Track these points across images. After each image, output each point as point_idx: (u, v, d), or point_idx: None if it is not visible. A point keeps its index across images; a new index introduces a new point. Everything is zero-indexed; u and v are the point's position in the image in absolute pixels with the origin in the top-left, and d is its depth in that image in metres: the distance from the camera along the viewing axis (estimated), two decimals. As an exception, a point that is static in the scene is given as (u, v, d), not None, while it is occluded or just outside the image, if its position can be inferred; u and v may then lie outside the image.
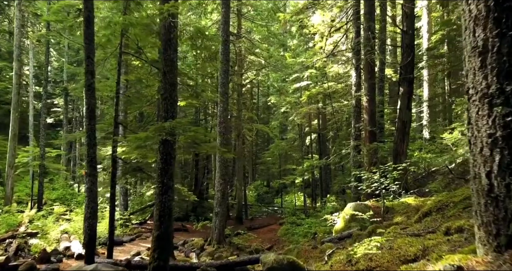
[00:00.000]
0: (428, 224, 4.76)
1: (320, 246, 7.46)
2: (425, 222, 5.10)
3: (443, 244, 3.09)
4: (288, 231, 17.71)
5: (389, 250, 3.36)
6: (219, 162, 14.30)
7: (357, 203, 8.79)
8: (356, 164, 12.78)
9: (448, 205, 5.41)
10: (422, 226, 4.78)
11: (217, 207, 14.20)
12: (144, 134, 6.60)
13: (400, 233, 4.54)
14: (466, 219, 3.72)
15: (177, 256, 12.61)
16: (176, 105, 7.13)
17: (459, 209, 5.06)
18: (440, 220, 4.88)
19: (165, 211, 6.82)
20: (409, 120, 12.36)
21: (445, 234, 3.50)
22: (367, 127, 12.37)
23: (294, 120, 25.91)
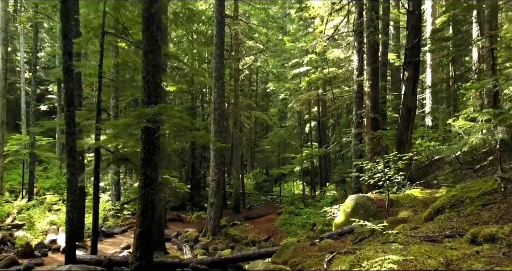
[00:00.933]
0: (443, 224, 4.13)
1: (319, 243, 6.86)
2: (438, 221, 4.47)
3: (472, 258, 2.47)
4: (286, 221, 17.20)
5: (403, 262, 2.75)
6: (214, 150, 13.66)
7: (359, 195, 8.17)
8: (357, 153, 12.13)
9: (463, 200, 4.78)
10: (435, 226, 4.15)
11: (212, 198, 13.63)
12: (122, 121, 5.92)
13: (411, 235, 3.92)
14: (498, 224, 3.09)
15: (169, 249, 12.09)
16: (159, 89, 6.43)
17: (477, 207, 4.43)
18: (456, 219, 4.26)
19: (148, 206, 6.19)
20: (414, 106, 11.67)
21: (471, 242, 2.87)
22: (370, 114, 11.67)
23: (293, 107, 25.17)
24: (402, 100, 11.75)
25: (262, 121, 32.77)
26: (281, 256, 6.85)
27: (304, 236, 14.24)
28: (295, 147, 29.02)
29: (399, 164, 7.83)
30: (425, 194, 7.61)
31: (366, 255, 3.41)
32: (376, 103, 11.98)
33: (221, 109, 13.82)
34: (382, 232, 5.92)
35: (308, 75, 21.08)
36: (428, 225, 4.40)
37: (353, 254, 3.94)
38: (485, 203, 4.41)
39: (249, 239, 14.12)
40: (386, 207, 7.02)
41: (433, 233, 3.88)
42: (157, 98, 6.33)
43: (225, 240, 13.67)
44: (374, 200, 7.85)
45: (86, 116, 8.66)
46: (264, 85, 37.11)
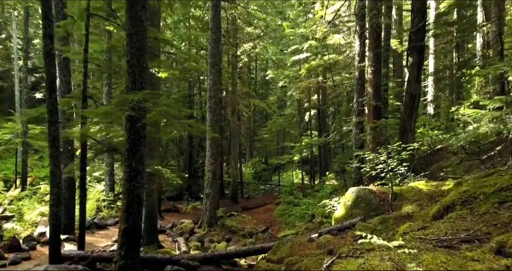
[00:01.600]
0: (456, 225, 3.68)
1: (317, 239, 6.44)
2: (449, 220, 4.02)
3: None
4: (284, 211, 16.85)
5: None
6: (210, 140, 13.19)
7: (360, 187, 7.73)
8: (358, 143, 11.66)
9: (476, 197, 4.33)
10: (447, 226, 3.70)
11: (208, 188, 13.22)
12: (103, 110, 5.43)
13: (420, 237, 3.47)
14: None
15: (163, 242, 11.72)
16: (145, 74, 5.91)
17: (494, 204, 3.97)
18: (470, 218, 3.80)
19: (134, 200, 5.75)
20: (418, 93, 11.14)
21: (497, 253, 2.42)
22: (371, 102, 11.17)
23: (292, 95, 24.61)
24: (406, 87, 11.22)
25: (261, 109, 32.25)
26: (277, 253, 6.44)
27: (302, 228, 13.92)
28: (294, 136, 28.57)
29: (402, 154, 7.37)
30: (430, 187, 7.16)
31: (371, 264, 2.96)
32: (378, 91, 11.47)
33: (217, 97, 13.30)
34: (386, 230, 5.49)
35: (308, 62, 20.48)
36: (438, 224, 3.95)
37: (356, 258, 3.50)
38: (503, 200, 3.96)
39: (246, 230, 13.77)
40: (389, 201, 6.58)
41: (445, 235, 3.42)
42: (142, 84, 5.82)
43: (222, 231, 13.31)
44: (376, 193, 7.41)
45: (71, 104, 8.14)
46: (263, 72, 36.49)
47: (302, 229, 13.48)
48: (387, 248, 3.23)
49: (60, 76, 11.00)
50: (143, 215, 10.10)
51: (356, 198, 7.46)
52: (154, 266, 7.27)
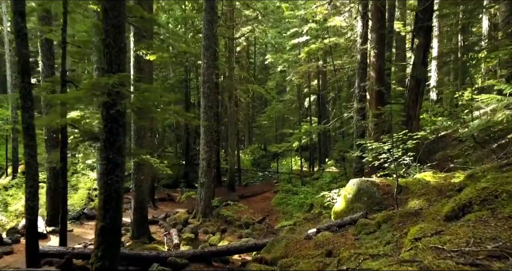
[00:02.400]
0: (477, 231, 3.11)
1: (315, 237, 5.91)
2: (467, 223, 3.46)
3: None
4: (282, 200, 16.36)
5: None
6: (204, 127, 12.58)
7: (362, 179, 7.16)
8: (360, 130, 11.06)
9: (498, 195, 3.75)
10: (467, 232, 3.14)
11: (203, 178, 12.68)
12: (73, 95, 4.80)
13: (437, 248, 2.91)
14: None
15: (155, 233, 11.24)
16: (123, 55, 5.26)
17: (520, 205, 3.40)
18: (493, 223, 3.24)
19: (111, 196, 5.18)
20: (424, 77, 10.51)
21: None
22: (374, 87, 10.52)
23: (292, 80, 23.87)
24: (411, 71, 10.57)
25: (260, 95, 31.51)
26: (271, 252, 5.92)
27: (301, 218, 13.42)
28: (293, 122, 27.94)
29: (408, 143, 6.78)
30: (438, 179, 6.60)
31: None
32: (381, 75, 10.81)
33: (211, 82, 12.63)
34: (392, 229, 4.95)
35: (308, 45, 19.68)
36: (455, 228, 3.39)
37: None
38: (531, 200, 3.39)
39: (243, 220, 13.30)
40: (394, 195, 6.02)
41: (467, 245, 2.86)
42: (120, 67, 5.18)
43: (217, 222, 12.83)
44: (380, 186, 6.85)
45: (50, 88, 7.51)
46: (262, 57, 35.62)
47: (301, 219, 13.00)
48: (398, 264, 2.66)
49: (43, 59, 10.33)
50: (132, 207, 9.60)
51: (358, 191, 6.91)
52: (140, 263, 6.77)
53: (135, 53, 9.28)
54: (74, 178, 16.82)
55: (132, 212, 9.76)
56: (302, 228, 11.75)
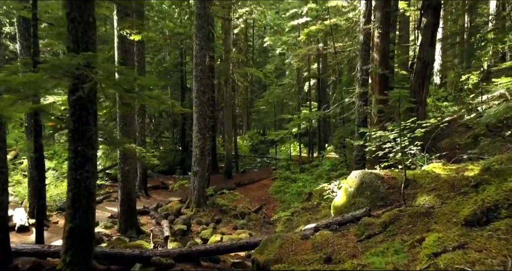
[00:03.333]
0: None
1: (312, 236, 5.32)
2: (496, 232, 2.85)
3: None
4: (280, 188, 15.82)
5: None
6: (197, 112, 11.90)
7: (365, 171, 6.54)
8: (362, 116, 10.38)
9: (532, 199, 3.15)
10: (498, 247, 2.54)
11: (196, 166, 12.08)
12: (26, 78, 4.12)
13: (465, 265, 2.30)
14: None
15: (145, 225, 10.71)
16: (92, 32, 4.55)
17: None
18: (532, 236, 2.64)
19: (81, 194, 4.56)
20: (431, 60, 9.78)
21: None
22: (378, 70, 9.79)
23: (291, 63, 23.03)
24: (418, 53, 9.83)
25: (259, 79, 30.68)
26: (264, 252, 5.34)
27: (299, 207, 12.90)
28: (292, 107, 27.20)
29: (417, 132, 6.12)
30: (449, 171, 5.97)
31: None
32: (386, 57, 10.06)
33: (204, 64, 11.87)
34: (400, 232, 4.34)
35: (308, 26, 18.80)
36: (482, 240, 2.78)
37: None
38: None
39: (238, 210, 12.77)
40: (402, 190, 5.40)
41: (504, 267, 2.26)
42: (88, 45, 4.47)
43: (211, 212, 12.30)
44: (384, 178, 6.22)
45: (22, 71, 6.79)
46: (261, 40, 34.61)
47: (299, 209, 12.48)
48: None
49: (20, 39, 9.57)
50: (119, 198, 9.02)
51: (360, 184, 6.29)
52: (123, 262, 6.20)
53: (118, 33, 8.53)
54: (65, 165, 16.23)
55: (119, 203, 9.19)
56: (300, 218, 11.23)
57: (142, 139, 13.99)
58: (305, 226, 7.05)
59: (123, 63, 8.79)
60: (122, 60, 8.79)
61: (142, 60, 13.79)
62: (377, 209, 5.79)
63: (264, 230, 11.33)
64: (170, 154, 25.07)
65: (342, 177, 11.99)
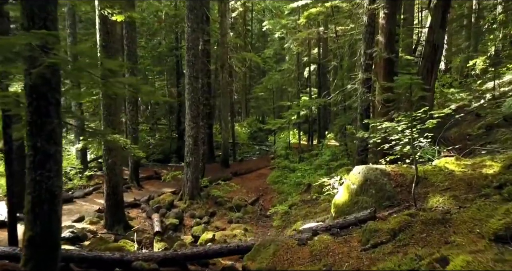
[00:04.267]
0: None
1: (310, 242, 4.72)
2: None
3: None
4: (278, 178, 15.24)
5: None
6: (189, 100, 11.21)
7: (369, 167, 5.90)
8: (364, 104, 9.68)
9: None
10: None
11: (189, 156, 11.46)
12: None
13: None
14: None
15: (135, 219, 10.16)
16: (52, 8, 3.83)
17: None
18: None
19: (42, 197, 3.93)
20: (441, 43, 9.03)
21: None
22: (383, 54, 9.05)
23: (291, 48, 22.16)
24: (427, 35, 9.10)
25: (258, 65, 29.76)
26: (256, 259, 4.75)
27: (297, 199, 12.33)
28: (292, 94, 26.42)
29: (428, 123, 5.45)
30: (464, 167, 5.34)
31: None
32: (391, 40, 9.31)
33: (196, 48, 11.11)
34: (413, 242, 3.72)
35: (308, 9, 17.89)
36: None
37: None
38: None
39: (234, 202, 12.22)
40: (412, 190, 4.76)
41: None
42: (46, 22, 3.76)
43: (205, 204, 11.73)
44: (391, 175, 5.59)
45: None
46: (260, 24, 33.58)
47: (297, 201, 11.91)
48: None
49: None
50: (105, 192, 8.43)
51: (364, 181, 5.66)
52: (102, 266, 5.64)
53: (100, 13, 7.77)
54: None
55: (104, 197, 8.60)
56: (299, 212, 10.67)
57: (133, 127, 13.34)
58: (303, 225, 6.47)
59: (105, 47, 8.08)
60: (104, 43, 8.06)
61: (132, 44, 13.02)
62: (383, 210, 5.18)
63: (261, 223, 10.79)
64: (166, 141, 24.44)
65: (342, 168, 11.38)
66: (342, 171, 10.95)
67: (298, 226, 8.79)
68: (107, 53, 8.08)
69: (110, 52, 8.13)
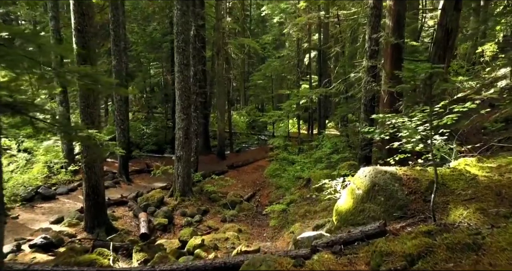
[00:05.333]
0: None
1: (309, 262, 3.97)
2: None
3: None
4: (276, 171, 14.50)
5: None
6: (179, 89, 10.37)
7: (377, 169, 5.10)
8: (369, 94, 8.84)
9: None
10: None
11: (180, 150, 10.69)
12: None
13: None
14: None
15: (120, 218, 9.45)
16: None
17: None
18: None
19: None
20: (456, 27, 8.13)
21: None
22: (391, 39, 8.18)
23: (290, 34, 21.18)
24: (439, 18, 8.19)
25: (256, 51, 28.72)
26: (244, 282, 4.01)
27: (296, 195, 11.61)
28: (291, 81, 25.50)
29: (447, 119, 4.65)
30: (490, 171, 4.56)
31: None
32: (400, 23, 8.42)
33: (186, 33, 10.21)
34: None
35: (308, -9, 16.88)
36: None
37: None
38: None
39: (229, 198, 11.53)
40: (431, 200, 3.99)
41: None
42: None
43: (198, 200, 11.02)
44: (403, 180, 4.81)
45: None
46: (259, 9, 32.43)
47: (296, 196, 11.21)
48: None
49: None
50: (84, 193, 7.69)
51: (371, 186, 4.89)
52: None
53: (73, -8, 6.90)
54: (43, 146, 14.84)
55: (84, 198, 7.86)
56: (297, 210, 9.94)
57: (121, 118, 12.51)
58: (301, 234, 5.72)
59: (80, 31, 7.21)
60: (79, 26, 7.19)
61: (118, 28, 12.10)
62: (394, 222, 4.42)
63: (257, 222, 10.10)
64: (161, 131, 23.64)
65: (344, 163, 10.63)
66: (344, 167, 10.20)
67: (296, 229, 8.07)
68: (82, 38, 7.23)
69: (86, 36, 7.27)
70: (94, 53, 7.55)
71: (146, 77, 25.67)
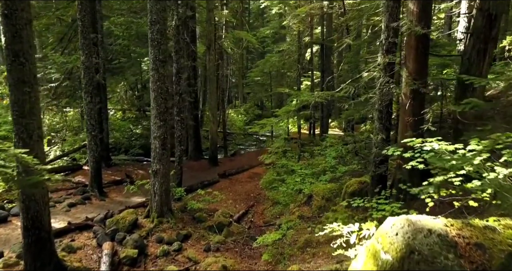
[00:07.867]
0: None
1: None
2: None
3: None
4: (274, 181, 12.71)
5: None
6: (155, 91, 8.61)
7: (413, 223, 3.31)
8: (386, 98, 7.04)
9: None
10: None
11: (156, 163, 8.97)
12: None
13: None
14: None
15: (80, 250, 7.72)
16: None
17: None
18: None
19: None
20: (500, 12, 6.34)
21: None
22: (416, 28, 6.38)
23: (290, 26, 19.34)
24: (479, 3, 6.40)
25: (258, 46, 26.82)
26: None
27: (295, 214, 9.92)
28: (292, 79, 23.69)
29: None
30: None
31: None
32: (428, 9, 6.64)
33: (162, 23, 8.41)
34: None
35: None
36: None
37: None
38: None
39: (216, 218, 9.83)
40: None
41: None
42: None
43: (179, 222, 9.28)
44: (459, 246, 3.05)
45: None
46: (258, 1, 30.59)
47: (295, 217, 9.51)
48: None
49: None
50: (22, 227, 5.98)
51: (408, 253, 3.12)
52: None
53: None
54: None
55: (22, 233, 6.14)
56: (296, 236, 8.24)
57: (92, 123, 10.74)
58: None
59: (8, 16, 5.47)
60: (6, 11, 5.44)
61: (85, 18, 10.31)
62: None
63: (247, 252, 8.39)
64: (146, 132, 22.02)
65: (353, 180, 8.88)
66: (353, 186, 8.46)
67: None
68: (12, 26, 5.49)
69: (18, 24, 5.52)
70: (32, 47, 5.79)
71: (137, 73, 23.91)
